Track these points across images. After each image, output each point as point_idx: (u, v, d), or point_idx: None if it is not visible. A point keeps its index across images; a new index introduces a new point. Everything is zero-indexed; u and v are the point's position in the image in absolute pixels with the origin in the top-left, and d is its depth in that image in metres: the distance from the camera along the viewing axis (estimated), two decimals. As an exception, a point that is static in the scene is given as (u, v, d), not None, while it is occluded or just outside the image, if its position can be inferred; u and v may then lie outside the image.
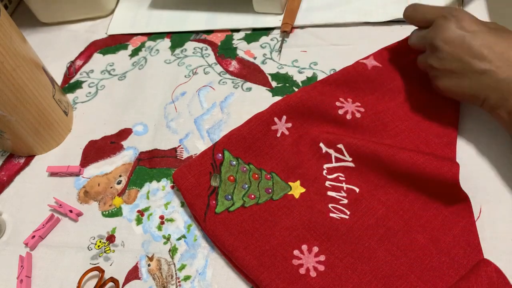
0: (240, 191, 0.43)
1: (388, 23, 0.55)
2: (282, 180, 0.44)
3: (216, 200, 0.42)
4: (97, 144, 0.52)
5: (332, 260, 0.39)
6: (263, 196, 0.43)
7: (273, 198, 0.43)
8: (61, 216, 0.47)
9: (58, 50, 0.64)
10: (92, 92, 0.58)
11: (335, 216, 0.41)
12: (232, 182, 0.43)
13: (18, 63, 0.45)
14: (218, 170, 0.44)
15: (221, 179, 0.43)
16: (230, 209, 0.42)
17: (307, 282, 0.37)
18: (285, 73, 0.54)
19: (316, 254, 0.39)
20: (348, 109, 0.46)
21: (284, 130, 0.46)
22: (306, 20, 0.58)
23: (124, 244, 0.44)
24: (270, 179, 0.44)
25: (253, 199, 0.43)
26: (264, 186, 0.43)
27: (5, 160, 0.53)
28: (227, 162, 0.44)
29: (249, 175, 0.44)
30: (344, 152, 0.43)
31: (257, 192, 0.43)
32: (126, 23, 0.64)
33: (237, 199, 0.43)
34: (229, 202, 0.42)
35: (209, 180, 0.43)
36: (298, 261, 0.39)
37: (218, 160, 0.44)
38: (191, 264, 0.42)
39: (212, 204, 0.42)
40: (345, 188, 0.43)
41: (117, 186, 0.48)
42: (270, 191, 0.43)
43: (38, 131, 0.50)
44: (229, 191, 0.43)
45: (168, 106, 0.54)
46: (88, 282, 0.42)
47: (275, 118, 0.45)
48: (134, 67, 0.59)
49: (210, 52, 0.58)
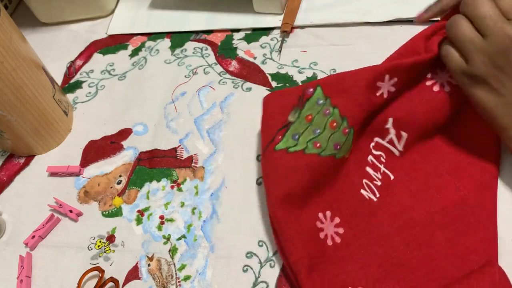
0: (310, 134, 0.40)
1: (388, 23, 0.55)
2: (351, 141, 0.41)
3: (282, 136, 0.41)
4: (97, 144, 0.52)
5: (349, 235, 0.39)
6: (328, 150, 0.40)
7: (336, 156, 0.40)
8: (61, 216, 0.47)
9: (58, 50, 0.64)
10: (92, 92, 0.58)
11: (364, 194, 0.41)
12: (307, 122, 0.41)
13: (18, 63, 0.45)
14: (302, 105, 0.41)
15: (299, 115, 0.41)
16: (290, 149, 0.40)
17: (323, 248, 0.38)
18: (285, 73, 0.54)
19: (336, 225, 0.39)
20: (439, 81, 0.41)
21: (385, 93, 0.41)
22: (306, 20, 0.58)
23: (124, 244, 0.44)
24: (346, 135, 0.40)
25: (317, 148, 0.40)
26: (335, 140, 0.40)
27: (5, 160, 0.53)
28: (314, 98, 0.41)
29: (328, 120, 0.40)
30: (402, 140, 0.42)
31: (325, 142, 0.40)
32: (126, 23, 0.64)
33: (302, 141, 0.40)
34: (293, 142, 0.40)
35: (289, 113, 0.42)
36: (320, 225, 0.39)
37: (306, 94, 0.41)
38: (191, 264, 0.42)
39: (276, 139, 0.41)
40: (382, 171, 0.42)
41: (117, 186, 0.48)
42: (338, 147, 0.40)
43: (38, 131, 0.50)
44: (299, 131, 0.40)
45: (168, 106, 0.54)
46: (88, 282, 0.42)
47: (386, 76, 0.40)
48: (134, 67, 0.59)
49: (210, 52, 0.58)
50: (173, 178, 0.48)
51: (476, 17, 0.35)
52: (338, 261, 0.38)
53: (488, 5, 0.35)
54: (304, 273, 0.36)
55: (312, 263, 0.37)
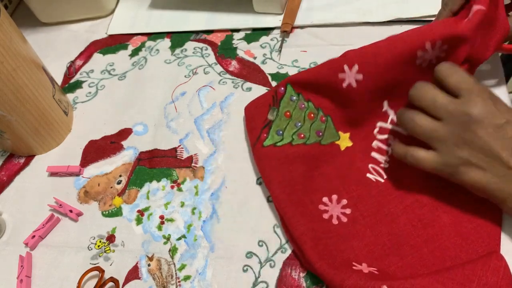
0: (292, 128, 0.45)
1: (388, 23, 0.55)
2: (334, 127, 0.45)
3: (267, 134, 0.45)
4: (97, 144, 0.52)
5: (356, 215, 0.40)
6: (312, 138, 0.44)
7: (321, 142, 0.44)
8: (61, 216, 0.47)
9: (58, 50, 0.64)
10: (92, 92, 0.58)
11: (371, 177, 0.42)
12: (287, 118, 0.45)
13: (18, 63, 0.45)
14: (278, 103, 0.45)
15: (277, 114, 0.45)
16: (278, 144, 0.44)
17: (327, 225, 0.39)
18: (285, 73, 0.54)
19: (343, 206, 0.41)
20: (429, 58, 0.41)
21: (352, 82, 0.42)
22: (306, 20, 0.58)
23: (124, 244, 0.44)
24: (324, 122, 0.45)
25: (302, 138, 0.44)
26: (316, 128, 0.45)
27: (5, 160, 0.53)
28: (287, 96, 0.45)
29: (305, 113, 0.45)
30: None
31: (307, 132, 0.44)
32: (126, 23, 0.64)
33: (286, 136, 0.44)
34: (279, 137, 0.44)
35: (267, 113, 0.45)
36: (324, 207, 0.41)
37: (279, 93, 0.46)
38: (191, 264, 0.42)
39: (262, 137, 0.44)
40: (389, 153, 0.43)
41: (117, 186, 0.48)
42: (320, 134, 0.44)
43: (38, 131, 0.50)
44: (282, 127, 0.45)
45: (168, 106, 0.54)
46: (88, 282, 0.42)
47: (345, 66, 0.41)
48: (134, 67, 0.59)
49: (210, 52, 0.58)
50: (173, 178, 0.48)
51: (426, 107, 0.37)
52: (344, 238, 0.39)
53: (431, 91, 0.37)
54: (310, 244, 0.37)
55: (317, 237, 0.38)
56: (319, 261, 0.37)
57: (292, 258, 0.40)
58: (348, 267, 0.36)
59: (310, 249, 0.37)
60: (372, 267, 0.37)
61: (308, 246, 0.37)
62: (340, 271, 0.35)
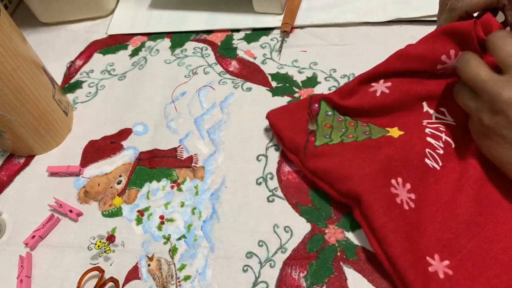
0: (338, 132, 0.44)
1: (388, 23, 0.55)
2: (379, 127, 0.44)
3: (314, 138, 0.44)
4: (97, 144, 0.52)
5: (422, 200, 0.39)
6: (361, 136, 0.44)
7: (372, 137, 0.44)
8: (61, 216, 0.47)
9: (58, 50, 0.64)
10: (92, 92, 0.58)
11: (428, 163, 0.41)
12: (329, 128, 0.45)
13: (18, 63, 0.45)
14: (314, 119, 0.45)
15: (318, 125, 0.45)
16: (329, 143, 0.43)
17: (402, 211, 0.38)
18: (285, 73, 0.54)
19: (408, 191, 0.40)
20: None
21: (384, 89, 0.44)
22: (306, 20, 0.58)
23: (124, 244, 0.44)
24: (367, 126, 0.45)
25: (351, 138, 0.44)
26: (361, 130, 0.44)
27: (5, 160, 0.53)
28: (323, 112, 0.45)
29: (345, 123, 0.45)
30: (446, 114, 0.43)
31: (354, 133, 0.44)
32: (126, 23, 0.64)
33: (335, 138, 0.44)
34: (328, 139, 0.44)
35: (306, 124, 0.45)
36: (395, 191, 0.39)
37: (314, 110, 0.45)
38: (191, 264, 0.42)
39: (311, 140, 0.44)
40: (443, 139, 0.43)
41: (117, 186, 0.48)
42: (367, 133, 0.44)
43: (38, 131, 0.50)
44: (327, 132, 0.44)
45: (168, 106, 0.54)
46: (88, 282, 0.42)
47: (373, 84, 0.45)
48: (134, 67, 0.59)
49: (210, 52, 0.58)
50: (173, 178, 0.48)
51: (468, 80, 0.37)
52: (417, 225, 0.38)
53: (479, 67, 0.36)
54: (391, 237, 0.36)
55: (396, 227, 0.37)
56: (401, 256, 0.36)
57: (292, 258, 0.40)
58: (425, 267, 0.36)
59: (393, 243, 0.36)
60: (446, 261, 0.36)
61: (390, 240, 0.36)
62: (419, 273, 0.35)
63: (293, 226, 0.42)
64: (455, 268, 0.35)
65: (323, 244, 0.41)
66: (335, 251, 0.40)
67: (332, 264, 0.40)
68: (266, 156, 0.47)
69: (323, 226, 0.42)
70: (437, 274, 0.35)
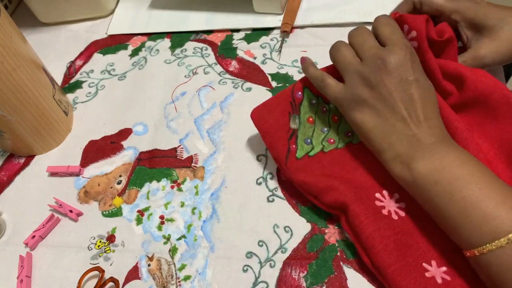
0: (319, 135, 0.43)
1: (388, 23, 0.55)
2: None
3: (296, 144, 0.43)
4: (97, 144, 0.52)
5: (413, 207, 0.39)
6: (342, 141, 0.43)
7: (353, 142, 0.43)
8: (61, 216, 0.47)
9: (58, 50, 0.64)
10: (92, 92, 0.58)
11: None
12: (312, 124, 0.43)
13: (18, 63, 0.45)
14: (297, 110, 0.43)
15: (300, 121, 0.43)
16: (310, 153, 0.42)
17: (390, 221, 0.38)
18: (285, 73, 0.54)
19: (397, 200, 0.40)
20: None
21: None
22: (306, 20, 0.58)
23: (124, 244, 0.44)
24: None
25: (333, 143, 0.43)
26: (343, 129, 0.43)
27: (5, 160, 0.53)
28: (306, 101, 0.43)
29: (328, 117, 0.43)
30: None
31: (336, 136, 0.43)
32: (126, 23, 0.64)
33: (316, 143, 0.43)
34: (309, 147, 0.43)
35: (288, 122, 0.43)
36: (380, 203, 0.39)
37: (297, 99, 0.43)
38: (191, 264, 0.42)
39: (292, 149, 0.42)
40: None
41: (117, 186, 0.48)
42: (349, 134, 0.43)
43: (38, 131, 0.50)
44: (308, 134, 0.43)
45: (168, 106, 0.54)
46: (88, 282, 0.42)
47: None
48: (134, 67, 0.59)
49: (210, 52, 0.58)
50: (173, 178, 0.48)
51: (355, 45, 0.39)
52: (409, 233, 0.38)
53: (366, 34, 0.39)
54: (379, 247, 0.36)
55: (385, 236, 0.37)
56: (391, 265, 0.36)
57: (292, 258, 0.40)
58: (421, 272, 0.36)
59: (380, 253, 0.36)
60: (443, 267, 0.36)
61: (377, 251, 0.36)
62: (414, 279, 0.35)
63: (293, 226, 0.42)
64: (453, 274, 0.35)
65: (323, 244, 0.41)
66: (335, 251, 0.40)
67: (332, 264, 0.40)
68: (266, 156, 0.47)
69: (323, 226, 0.42)
70: (434, 279, 0.35)
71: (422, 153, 0.35)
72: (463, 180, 0.33)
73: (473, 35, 0.43)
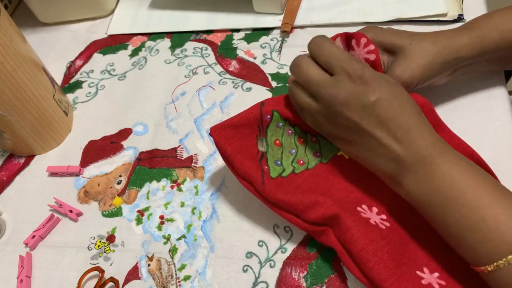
0: (289, 157, 0.42)
1: (388, 23, 0.55)
2: (329, 142, 0.42)
3: (267, 166, 0.41)
4: (97, 144, 0.52)
5: (394, 217, 0.39)
6: (312, 161, 0.42)
7: (323, 161, 0.42)
8: (61, 216, 0.47)
9: (58, 50, 0.64)
10: (92, 92, 0.58)
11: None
12: (279, 147, 0.42)
13: (18, 63, 0.45)
14: (264, 133, 0.42)
15: (267, 144, 0.42)
16: (283, 174, 0.41)
17: (380, 231, 0.37)
18: (285, 73, 0.54)
19: (377, 213, 0.39)
20: None
21: None
22: (306, 20, 0.58)
23: (124, 244, 0.44)
24: (316, 142, 0.43)
25: (302, 164, 0.42)
26: (311, 150, 0.43)
27: (5, 160, 0.53)
28: (273, 124, 0.42)
29: (294, 139, 0.43)
30: None
31: (305, 157, 0.42)
32: (126, 23, 0.64)
33: (286, 165, 0.42)
34: (280, 168, 0.41)
35: (256, 144, 0.42)
36: (365, 215, 0.39)
37: (265, 121, 0.42)
38: (191, 264, 0.42)
39: (266, 170, 0.41)
40: None
41: (117, 186, 0.48)
42: (318, 154, 0.43)
43: (38, 131, 0.50)
44: (278, 157, 0.42)
45: (168, 106, 0.54)
46: (88, 282, 0.42)
47: None
48: (134, 67, 0.59)
49: (210, 52, 0.58)
50: (173, 178, 0.48)
51: (302, 82, 0.38)
52: (399, 242, 0.37)
53: (305, 66, 0.37)
54: (374, 261, 0.35)
55: (376, 248, 0.36)
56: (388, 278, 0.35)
57: (292, 258, 0.40)
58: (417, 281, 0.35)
59: (375, 266, 0.35)
60: (435, 273, 0.36)
61: (371, 264, 0.35)
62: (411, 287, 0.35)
63: (293, 226, 0.42)
64: (446, 277, 0.36)
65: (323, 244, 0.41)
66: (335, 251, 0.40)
67: (332, 264, 0.40)
68: (266, 156, 0.47)
69: (323, 226, 0.42)
70: (431, 285, 0.35)
71: (410, 173, 0.34)
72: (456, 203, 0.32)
73: (387, 58, 0.42)
